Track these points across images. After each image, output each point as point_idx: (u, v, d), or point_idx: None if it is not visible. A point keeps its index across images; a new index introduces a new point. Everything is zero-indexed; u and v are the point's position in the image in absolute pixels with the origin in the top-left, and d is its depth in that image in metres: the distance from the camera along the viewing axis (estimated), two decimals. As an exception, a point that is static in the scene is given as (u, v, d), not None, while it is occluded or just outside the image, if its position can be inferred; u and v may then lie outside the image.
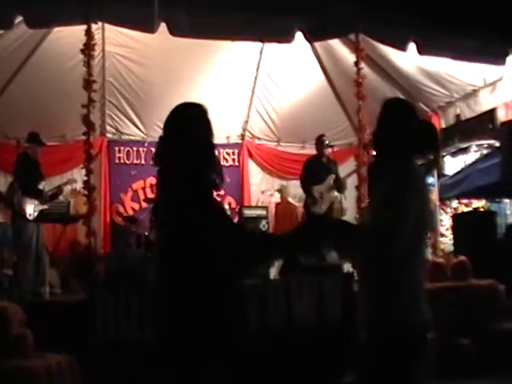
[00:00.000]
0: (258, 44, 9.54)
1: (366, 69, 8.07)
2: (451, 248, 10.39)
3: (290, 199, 11.74)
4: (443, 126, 10.26)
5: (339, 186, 9.10)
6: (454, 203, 13.93)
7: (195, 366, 2.95)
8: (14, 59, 8.93)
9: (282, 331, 6.38)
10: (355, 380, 6.27)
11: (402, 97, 10.11)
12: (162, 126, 10.64)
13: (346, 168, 9.63)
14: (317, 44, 9.47)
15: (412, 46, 7.46)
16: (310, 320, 6.64)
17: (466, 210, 13.05)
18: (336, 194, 9.19)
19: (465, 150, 15.23)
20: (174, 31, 6.91)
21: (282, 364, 5.79)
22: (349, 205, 9.22)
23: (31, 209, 7.78)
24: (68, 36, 8.21)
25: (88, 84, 6.89)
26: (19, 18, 6.80)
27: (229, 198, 11.64)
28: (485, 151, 13.99)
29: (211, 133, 3.21)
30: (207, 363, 2.94)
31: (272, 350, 5.94)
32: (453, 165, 15.19)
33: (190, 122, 3.28)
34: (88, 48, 6.94)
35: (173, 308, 3.00)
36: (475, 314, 6.90)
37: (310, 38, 7.65)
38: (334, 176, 9.20)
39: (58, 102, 9.49)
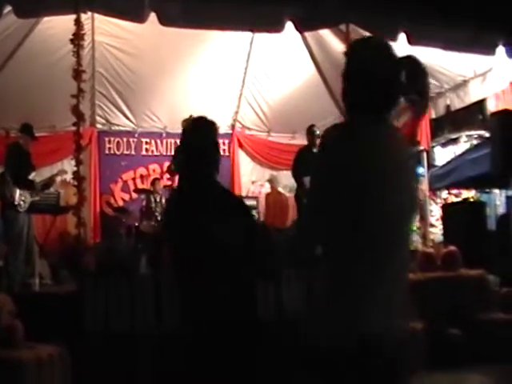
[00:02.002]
0: (249, 34, 9.52)
1: (356, 59, 8.07)
2: (441, 238, 10.44)
3: (280, 189, 11.74)
4: (433, 116, 10.27)
5: None
6: (444, 194, 13.99)
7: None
8: (3, 49, 8.88)
9: (271, 322, 6.39)
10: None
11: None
12: (152, 116, 10.66)
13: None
14: (307, 34, 9.45)
15: (402, 37, 7.45)
16: (299, 311, 6.65)
17: (455, 200, 13.10)
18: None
19: (455, 141, 15.28)
20: (164, 21, 6.88)
21: (271, 355, 5.80)
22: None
23: (22, 199, 7.75)
24: (57, 26, 8.17)
25: (77, 74, 6.84)
26: (8, 8, 6.75)
27: (219, 189, 11.63)
28: (475, 142, 14.05)
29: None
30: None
31: (262, 342, 5.95)
32: (443, 155, 15.26)
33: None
34: (77, 38, 6.88)
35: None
36: (464, 303, 6.94)
37: (301, 27, 7.63)
38: None
39: (48, 93, 9.45)
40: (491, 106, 9.48)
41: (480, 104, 10.38)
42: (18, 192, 7.69)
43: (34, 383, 4.90)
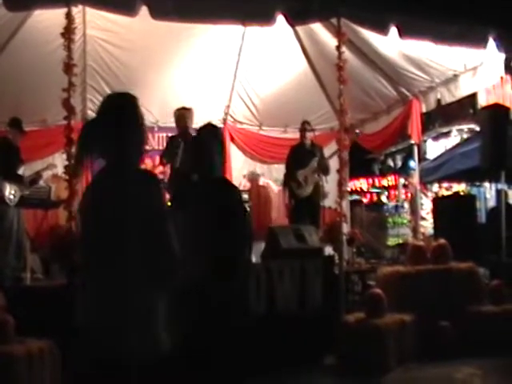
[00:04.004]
0: (240, 28, 9.49)
1: (347, 53, 8.06)
2: (432, 231, 10.50)
3: (269, 181, 11.73)
4: (424, 110, 10.30)
5: (324, 167, 9.17)
6: (435, 187, 14.09)
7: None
8: (-6, 43, 8.83)
9: (263, 314, 6.42)
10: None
11: (383, 81, 10.21)
12: (143, 110, 10.54)
13: (327, 152, 9.68)
14: (299, 28, 9.43)
15: (393, 30, 7.46)
16: (291, 303, 6.69)
17: (446, 193, 13.19)
18: (321, 176, 9.27)
19: (446, 135, 15.40)
20: (156, 15, 6.85)
21: (262, 347, 5.83)
22: (330, 188, 9.26)
23: (12, 194, 7.74)
24: (48, 19, 8.12)
25: (68, 68, 6.82)
26: (-2, 1, 6.73)
27: (211, 183, 11.63)
28: (465, 135, 14.15)
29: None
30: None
31: (253, 334, 5.98)
32: (434, 149, 15.36)
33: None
34: (68, 31, 6.85)
35: None
36: (454, 296, 6.98)
37: (292, 21, 7.62)
38: (317, 159, 9.26)
39: (39, 87, 9.39)
40: (482, 100, 9.54)
41: (471, 98, 10.44)
42: (7, 186, 7.68)
43: (25, 378, 4.91)
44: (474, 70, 8.99)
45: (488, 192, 14.47)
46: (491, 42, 7.71)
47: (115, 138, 2.94)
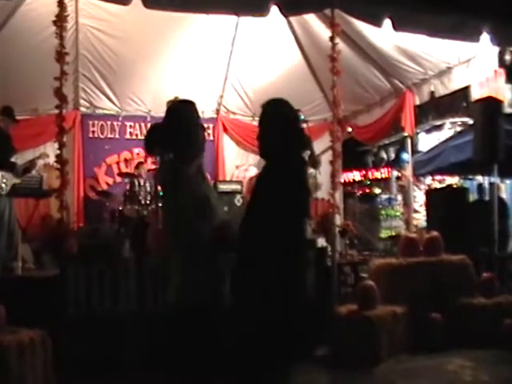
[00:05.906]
0: (234, 18, 9.46)
1: (341, 44, 8.03)
2: (424, 224, 10.52)
3: (255, 172, 11.71)
4: (418, 103, 10.29)
5: (314, 162, 9.15)
6: (428, 180, 14.11)
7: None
8: (-15, 31, 8.76)
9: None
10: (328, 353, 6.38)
11: (376, 73, 10.19)
12: (136, 99, 10.61)
13: (320, 143, 9.65)
14: (292, 19, 9.41)
15: (387, 23, 7.44)
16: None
17: (439, 186, 13.22)
18: (311, 169, 9.26)
19: (439, 127, 15.41)
20: (148, 3, 6.79)
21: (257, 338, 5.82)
22: (323, 180, 9.25)
23: (3, 182, 7.69)
24: (40, 7, 8.07)
25: (60, 56, 6.77)
26: (-10, -11, 6.68)
27: (204, 173, 11.62)
28: (458, 128, 14.17)
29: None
30: None
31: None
32: (427, 141, 15.37)
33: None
34: (60, 19, 6.79)
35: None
36: (446, 288, 7.00)
37: (285, 12, 7.58)
38: (308, 152, 9.24)
39: (31, 75, 9.34)
40: (475, 93, 9.50)
41: (464, 91, 10.41)
42: (-1, 175, 7.64)
43: (16, 367, 4.89)
44: (467, 63, 8.98)
45: (481, 185, 14.49)
46: (485, 35, 7.70)
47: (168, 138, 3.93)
